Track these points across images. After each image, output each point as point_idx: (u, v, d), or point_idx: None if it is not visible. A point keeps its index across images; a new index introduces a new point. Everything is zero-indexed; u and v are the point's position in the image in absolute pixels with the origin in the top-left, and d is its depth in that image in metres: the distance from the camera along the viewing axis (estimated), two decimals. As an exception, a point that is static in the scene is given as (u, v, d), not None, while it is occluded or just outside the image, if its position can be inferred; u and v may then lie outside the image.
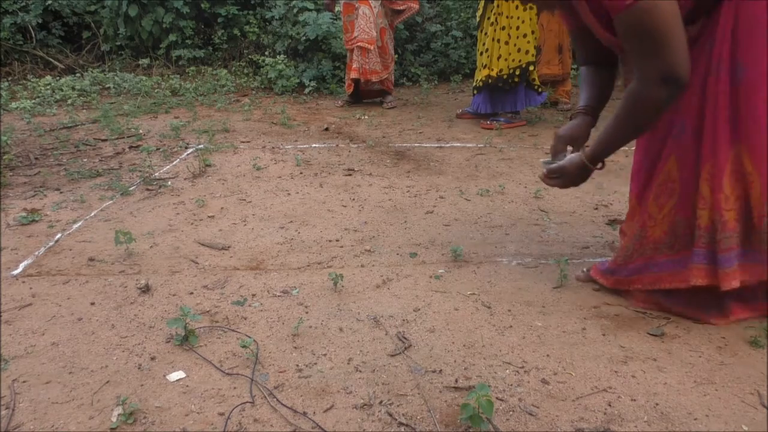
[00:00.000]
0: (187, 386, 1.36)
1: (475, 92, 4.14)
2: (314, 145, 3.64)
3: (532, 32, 3.91)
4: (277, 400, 1.31)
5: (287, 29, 5.80)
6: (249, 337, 1.55)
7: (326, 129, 4.07)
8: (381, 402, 1.30)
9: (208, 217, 2.45)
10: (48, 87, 5.31)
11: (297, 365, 1.44)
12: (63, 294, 1.81)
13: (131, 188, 2.80)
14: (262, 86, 5.63)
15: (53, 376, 1.40)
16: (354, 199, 2.64)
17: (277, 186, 2.83)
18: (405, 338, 1.54)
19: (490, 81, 3.94)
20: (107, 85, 5.50)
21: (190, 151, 3.46)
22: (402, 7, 4.61)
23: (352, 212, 2.49)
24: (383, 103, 4.89)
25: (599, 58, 1.71)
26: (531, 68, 3.95)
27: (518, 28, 3.87)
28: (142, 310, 1.71)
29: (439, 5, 6.47)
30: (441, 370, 1.41)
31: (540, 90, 4.05)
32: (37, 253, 2.11)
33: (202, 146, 3.52)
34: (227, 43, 6.39)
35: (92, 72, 5.84)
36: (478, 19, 4.12)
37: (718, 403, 1.28)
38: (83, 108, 4.80)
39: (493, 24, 3.89)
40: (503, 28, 3.88)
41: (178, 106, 4.84)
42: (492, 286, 1.83)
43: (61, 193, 2.75)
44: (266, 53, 6.10)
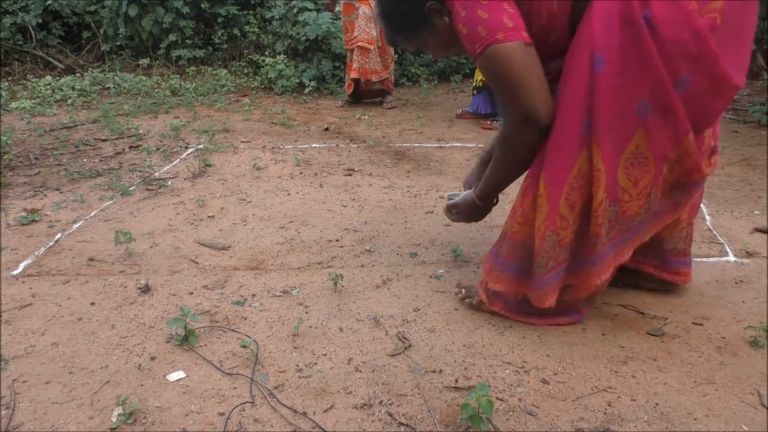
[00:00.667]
0: (187, 386, 1.36)
1: (474, 92, 4.14)
2: (314, 145, 3.64)
3: None
4: (277, 400, 1.31)
5: (287, 29, 5.80)
6: (249, 337, 1.55)
7: (326, 129, 4.07)
8: (381, 402, 1.30)
9: (208, 217, 2.45)
10: (48, 87, 5.31)
11: (297, 365, 1.44)
12: (63, 294, 1.81)
13: (131, 188, 2.80)
14: (262, 86, 5.63)
15: (53, 376, 1.40)
16: (354, 199, 2.64)
17: (277, 186, 2.83)
18: (405, 338, 1.54)
19: None
20: (107, 85, 5.50)
21: (190, 151, 3.46)
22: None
23: (352, 212, 2.49)
24: (383, 103, 4.89)
25: None
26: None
27: None
28: (142, 310, 1.71)
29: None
30: (441, 370, 1.41)
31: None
32: (37, 253, 2.11)
33: (202, 146, 3.52)
34: (227, 43, 6.40)
35: (92, 72, 5.85)
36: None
37: (718, 403, 1.28)
38: (83, 108, 4.80)
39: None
40: None
41: (178, 106, 4.84)
42: (492, 286, 1.83)
43: (61, 193, 2.75)
44: (266, 53, 6.11)
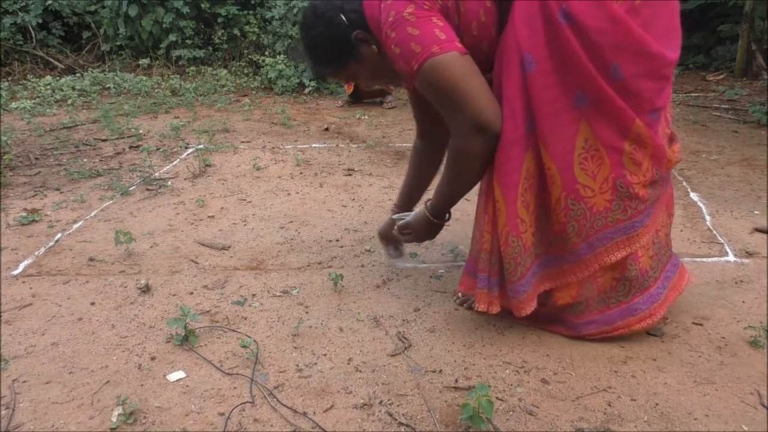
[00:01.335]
0: (187, 386, 1.36)
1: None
2: (314, 145, 3.64)
3: None
4: (277, 400, 1.31)
5: (287, 29, 5.80)
6: (249, 337, 1.55)
7: (326, 129, 4.07)
8: (381, 402, 1.30)
9: (208, 217, 2.45)
10: (48, 87, 5.31)
11: (297, 365, 1.44)
12: (63, 294, 1.81)
13: (131, 188, 2.80)
14: (262, 86, 5.64)
15: (53, 376, 1.40)
16: (354, 199, 2.64)
17: (277, 186, 2.83)
18: (405, 338, 1.54)
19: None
20: (107, 85, 5.50)
21: (190, 151, 3.46)
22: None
23: (352, 212, 2.49)
24: (383, 103, 4.89)
25: (435, 127, 1.70)
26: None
27: None
28: (142, 310, 1.71)
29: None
30: (441, 370, 1.41)
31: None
32: (37, 253, 2.11)
33: (202, 146, 3.52)
34: (227, 43, 6.40)
35: (92, 72, 5.85)
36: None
37: (718, 403, 1.28)
38: (83, 108, 4.80)
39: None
40: None
41: (178, 106, 4.85)
42: (492, 286, 1.83)
43: (61, 193, 2.75)
44: (266, 53, 6.11)
